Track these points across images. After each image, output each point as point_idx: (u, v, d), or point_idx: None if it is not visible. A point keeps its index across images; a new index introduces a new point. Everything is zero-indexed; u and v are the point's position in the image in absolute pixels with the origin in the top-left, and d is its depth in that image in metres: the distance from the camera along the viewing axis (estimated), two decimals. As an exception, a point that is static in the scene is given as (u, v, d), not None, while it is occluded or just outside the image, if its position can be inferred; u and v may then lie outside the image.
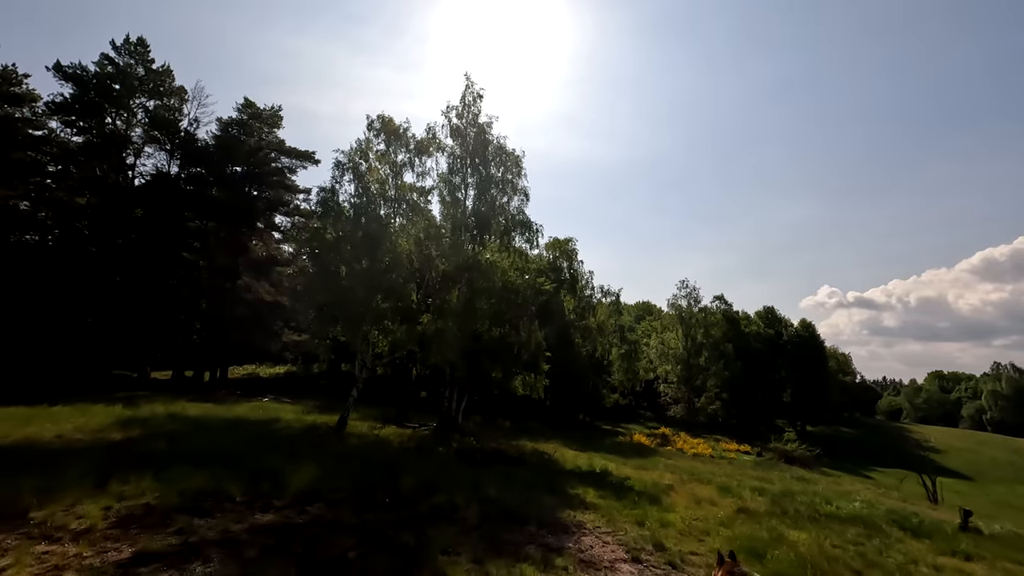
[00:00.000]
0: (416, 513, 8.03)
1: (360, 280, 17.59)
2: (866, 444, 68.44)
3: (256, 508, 7.51)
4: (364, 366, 18.15)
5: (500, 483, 11.47)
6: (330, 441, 14.74)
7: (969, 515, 12.12)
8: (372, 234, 18.41)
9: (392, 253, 18.57)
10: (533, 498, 10.55)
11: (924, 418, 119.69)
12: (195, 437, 12.79)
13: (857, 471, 45.08)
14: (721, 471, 22.75)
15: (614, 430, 44.57)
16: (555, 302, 32.66)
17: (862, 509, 14.12)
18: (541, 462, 17.65)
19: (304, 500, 8.06)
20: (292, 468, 9.45)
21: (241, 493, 8.08)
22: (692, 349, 63.29)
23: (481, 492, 10.06)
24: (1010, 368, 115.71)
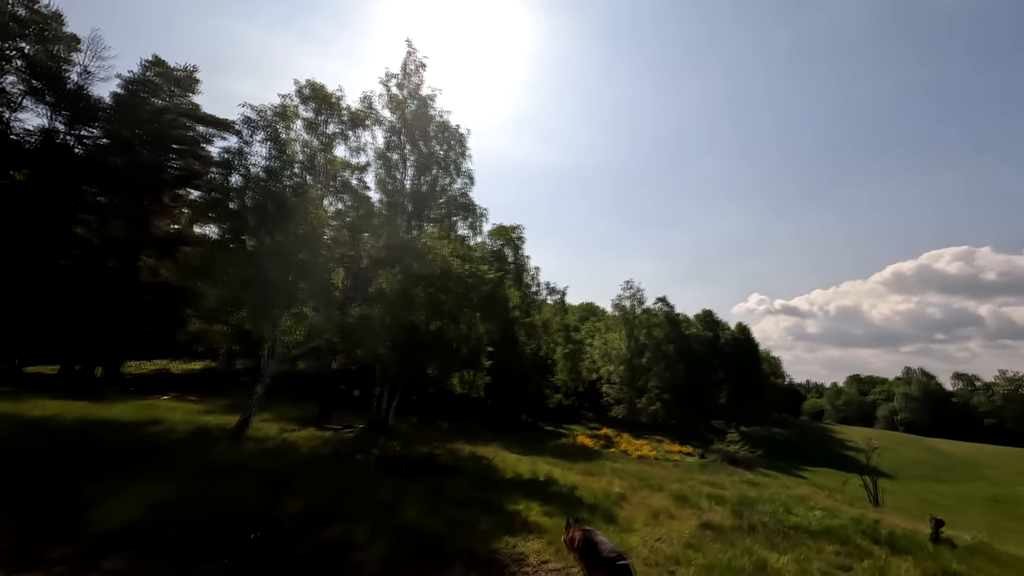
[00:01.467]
0: (288, 557, 5.64)
1: (270, 257, 14.81)
2: (797, 444, 70.63)
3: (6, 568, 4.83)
4: (272, 358, 15.34)
5: (425, 501, 9.22)
6: (217, 449, 11.94)
7: (941, 525, 11.11)
8: (287, 204, 15.62)
9: (311, 228, 15.86)
10: (464, 521, 8.36)
11: (844, 419, 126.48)
12: (6, 446, 9.70)
13: (791, 471, 45.73)
14: (670, 476, 21.39)
15: (557, 431, 43.04)
16: (499, 294, 30.57)
17: (826, 519, 12.85)
18: (479, 469, 15.49)
19: (110, 545, 5.45)
20: (122, 491, 6.79)
21: (4, 536, 5.39)
22: (635, 350, 63.02)
23: (396, 517, 7.77)
24: (919, 373, 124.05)
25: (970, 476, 59.41)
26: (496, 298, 29.47)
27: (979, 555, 10.04)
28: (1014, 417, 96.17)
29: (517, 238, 36.59)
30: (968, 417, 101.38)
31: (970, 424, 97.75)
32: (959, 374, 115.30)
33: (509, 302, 34.19)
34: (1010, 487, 52.95)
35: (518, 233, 36.70)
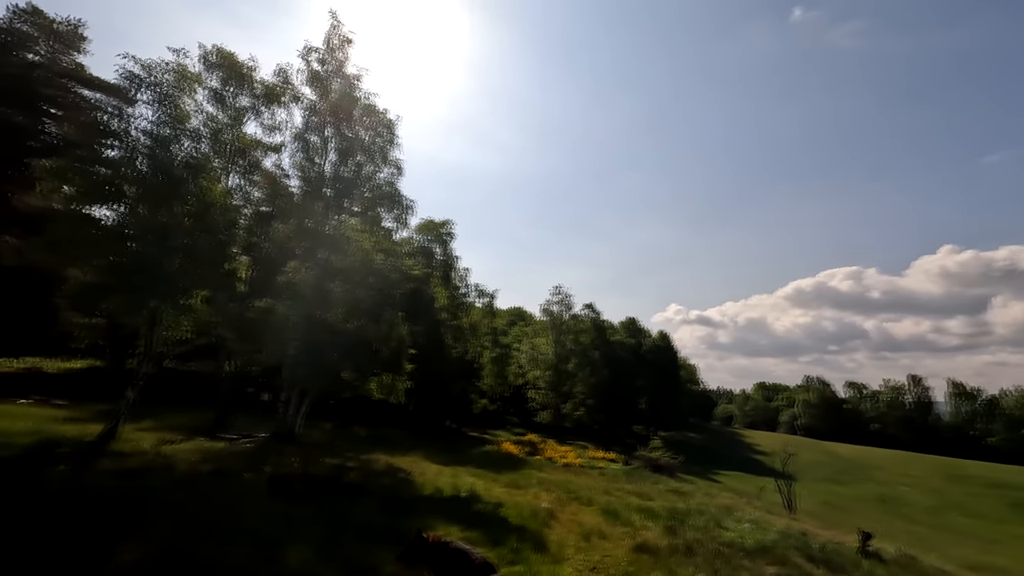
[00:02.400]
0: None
1: (148, 237, 12.45)
2: (711, 449, 73.55)
3: None
4: (148, 356, 12.92)
5: (320, 533, 7.59)
6: (58, 469, 9.57)
7: (869, 538, 10.95)
8: (175, 177, 13.29)
9: (206, 207, 13.61)
10: (366, 563, 6.84)
11: (751, 423, 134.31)
12: None
13: (707, 475, 47.07)
14: (597, 486, 20.68)
15: (482, 437, 41.70)
16: (425, 293, 28.73)
17: (757, 533, 12.42)
18: (395, 485, 13.87)
19: None
20: None
21: None
22: (562, 355, 63.04)
23: (276, 562, 6.13)
24: (817, 381, 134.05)
25: (861, 477, 64.15)
26: (422, 297, 27.69)
27: (909, 570, 9.88)
28: (895, 422, 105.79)
29: (446, 234, 34.56)
30: (857, 422, 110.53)
31: (859, 429, 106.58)
32: (851, 383, 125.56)
33: (436, 302, 32.38)
34: (894, 487, 57.53)
35: (447, 229, 34.67)
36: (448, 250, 35.08)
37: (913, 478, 60.82)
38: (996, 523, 44.29)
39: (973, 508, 49.13)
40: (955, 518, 45.36)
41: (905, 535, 29.33)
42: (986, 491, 54.46)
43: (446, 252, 34.96)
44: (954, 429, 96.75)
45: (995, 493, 53.68)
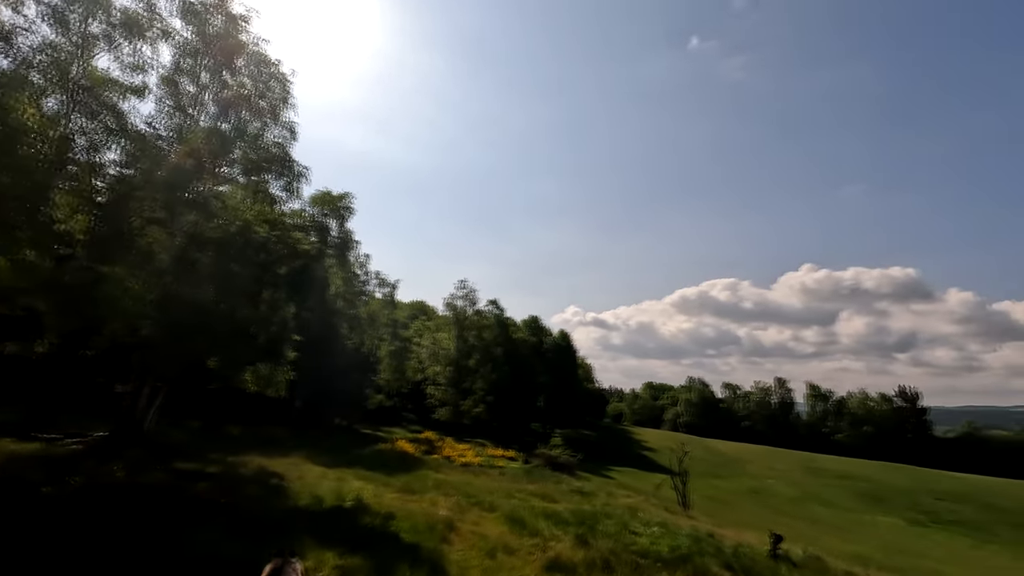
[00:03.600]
0: None
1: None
2: (603, 445, 75.80)
3: None
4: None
5: None
6: None
7: (779, 540, 10.64)
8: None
9: (13, 132, 10.36)
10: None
11: (640, 421, 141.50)
12: None
13: (601, 472, 47.93)
14: (499, 487, 19.39)
15: (375, 435, 38.99)
16: (317, 274, 25.50)
17: (666, 538, 11.75)
18: (262, 495, 11.53)
19: None
20: None
21: None
22: (464, 351, 61.55)
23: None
24: (698, 382, 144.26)
25: (736, 472, 69.20)
26: (313, 278, 24.60)
27: (824, 574, 9.61)
28: (762, 420, 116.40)
29: (344, 208, 30.69)
30: (732, 420, 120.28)
31: (733, 426, 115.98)
32: (727, 384, 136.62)
33: (330, 286, 29.17)
34: (763, 480, 62.59)
35: (346, 203, 30.75)
36: (346, 227, 31.31)
37: (778, 471, 66.42)
38: (847, 511, 49.42)
39: (828, 498, 54.55)
40: (814, 508, 49.95)
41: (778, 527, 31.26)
42: (837, 482, 60.80)
43: (343, 229, 31.20)
44: (810, 426, 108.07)
45: (844, 484, 60.09)
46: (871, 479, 62.53)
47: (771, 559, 9.94)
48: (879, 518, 48.30)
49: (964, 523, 48.84)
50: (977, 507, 53.34)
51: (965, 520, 49.68)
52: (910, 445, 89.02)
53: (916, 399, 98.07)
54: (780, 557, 10.19)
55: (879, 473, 66.00)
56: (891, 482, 61.76)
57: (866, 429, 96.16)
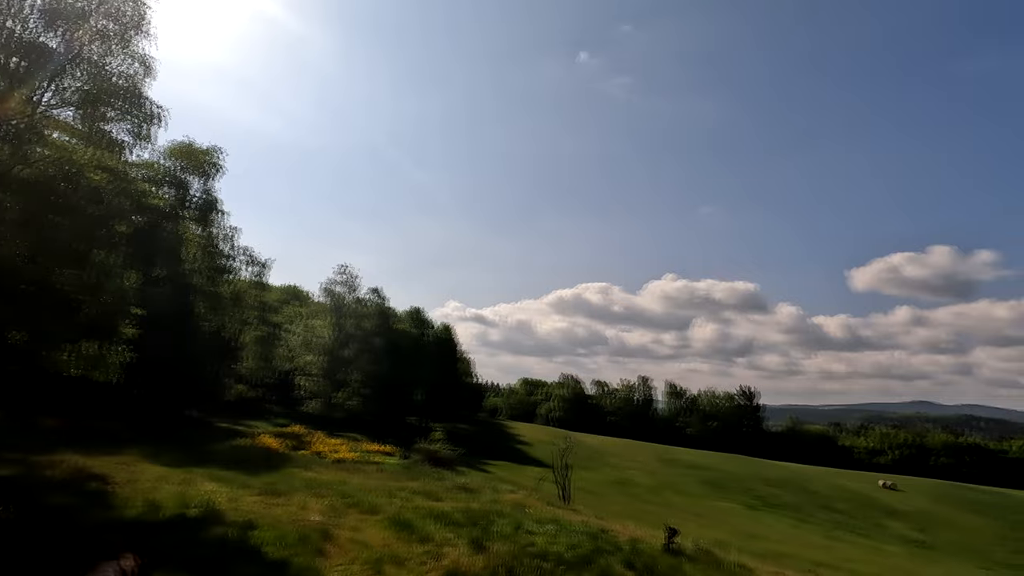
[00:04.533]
0: None
1: None
2: (480, 439, 75.93)
3: None
4: None
5: None
6: None
7: (675, 534, 10.64)
8: None
9: None
10: None
11: (515, 416, 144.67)
12: None
13: (478, 466, 47.65)
14: (379, 486, 17.81)
15: (235, 429, 34.74)
16: (170, 236, 21.36)
17: (563, 537, 11.30)
18: (74, 504, 9.06)
19: None
20: None
21: None
22: (341, 340, 57.84)
23: None
24: (571, 379, 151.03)
25: (601, 464, 73.03)
26: (164, 243, 20.59)
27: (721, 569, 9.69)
28: (626, 415, 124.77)
29: (210, 165, 25.78)
30: (599, 415, 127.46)
31: (600, 420, 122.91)
32: (598, 381, 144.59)
33: (186, 255, 24.86)
34: (625, 471, 66.68)
35: (213, 159, 25.98)
36: (211, 188, 26.60)
37: (638, 463, 71.18)
38: (698, 498, 54.24)
39: (681, 487, 59.51)
40: (670, 496, 54.12)
41: (642, 515, 33.10)
42: (689, 472, 66.61)
43: (207, 190, 26.38)
44: (666, 421, 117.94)
45: (694, 473, 65.99)
46: (715, 468, 69.32)
47: (668, 554, 9.89)
48: (721, 503, 53.59)
49: (786, 506, 55.93)
50: (796, 491, 61.50)
51: (787, 503, 56.93)
52: (746, 438, 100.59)
53: (753, 398, 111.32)
54: (674, 551, 10.19)
55: (721, 463, 73.42)
56: (730, 471, 69.02)
57: (712, 424, 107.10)
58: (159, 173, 20.27)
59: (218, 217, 29.48)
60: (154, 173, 18.36)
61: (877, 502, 59.31)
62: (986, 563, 43.28)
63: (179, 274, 24.55)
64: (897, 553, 40.33)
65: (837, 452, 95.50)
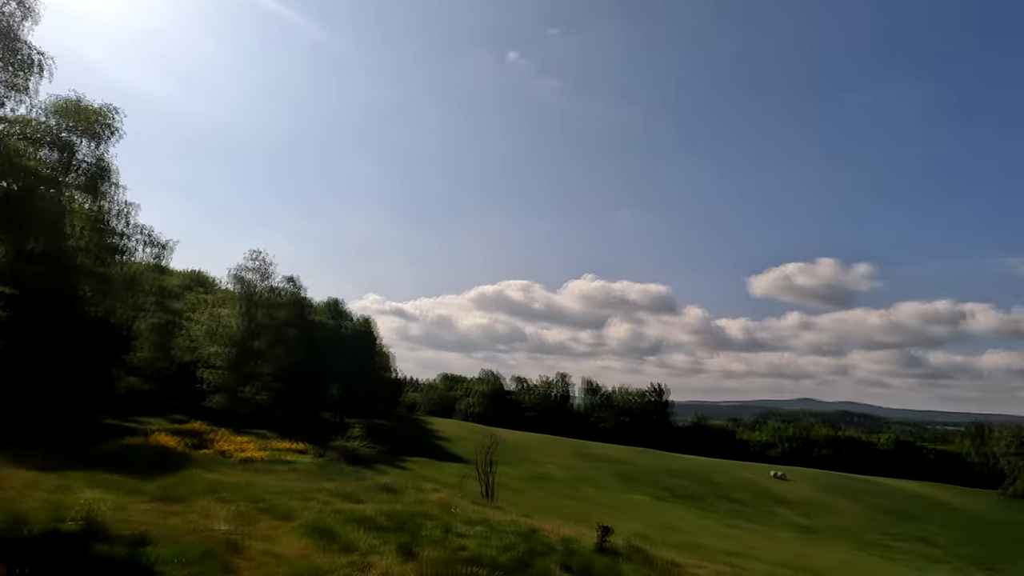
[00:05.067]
0: None
1: None
2: (398, 435, 74.21)
3: None
4: None
5: None
6: None
7: (608, 532, 10.62)
8: None
9: None
10: None
11: (433, 411, 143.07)
12: None
13: (397, 463, 46.54)
14: (293, 488, 16.59)
15: (124, 426, 31.37)
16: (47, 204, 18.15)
17: (495, 539, 10.98)
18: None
19: None
20: None
21: None
22: (251, 330, 54.02)
23: None
24: (491, 374, 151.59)
25: (520, 459, 73.80)
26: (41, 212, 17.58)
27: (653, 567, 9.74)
28: (544, 411, 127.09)
29: (102, 126, 22.08)
30: (518, 410, 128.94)
31: (519, 416, 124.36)
32: (518, 377, 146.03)
33: (71, 230, 21.59)
34: (542, 466, 67.87)
35: (108, 120, 22.51)
36: (103, 154, 22.82)
37: (555, 457, 72.62)
38: (612, 491, 56.19)
39: (596, 480, 61.40)
40: (586, 489, 55.66)
41: (562, 509, 33.69)
42: (604, 466, 68.87)
43: (99, 156, 22.64)
44: (582, 416, 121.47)
45: (609, 467, 68.32)
46: (627, 462, 72.15)
47: (601, 553, 9.85)
48: (633, 496, 55.90)
49: (692, 497, 59.35)
50: (699, 483, 65.41)
51: (692, 494, 60.42)
52: (656, 432, 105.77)
53: (663, 394, 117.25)
54: (607, 550, 10.18)
55: (633, 457, 76.52)
56: (641, 464, 72.12)
57: (625, 419, 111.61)
58: (39, 131, 17.40)
59: (112, 189, 26.20)
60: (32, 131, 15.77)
61: (770, 491, 64.40)
62: (860, 543, 48.32)
63: (61, 251, 21.44)
64: (788, 539, 44.01)
65: (736, 445, 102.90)
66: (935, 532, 54.84)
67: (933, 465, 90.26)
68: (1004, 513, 68.19)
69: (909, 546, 49.99)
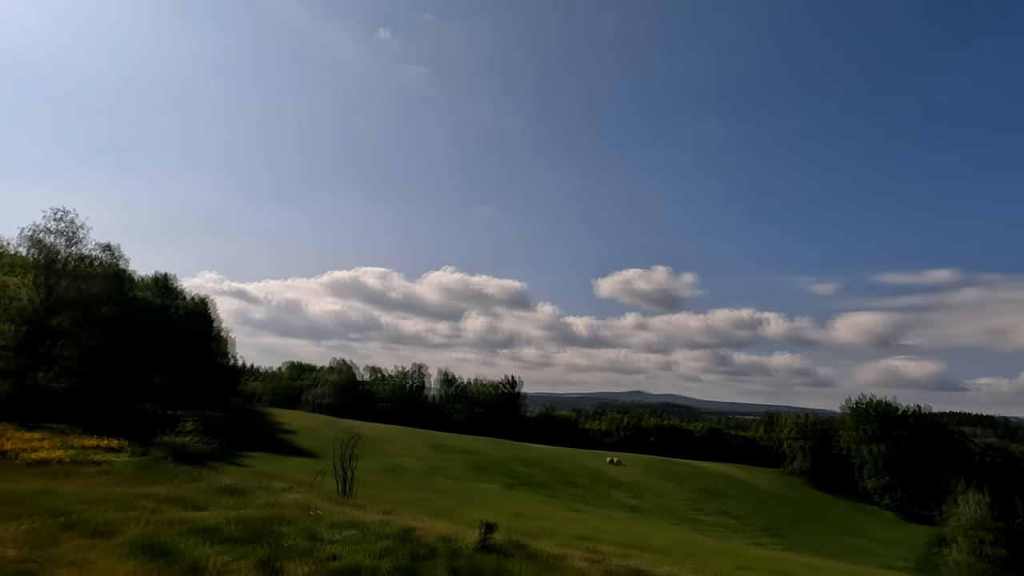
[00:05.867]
0: None
1: None
2: (235, 428, 67.39)
3: None
4: None
5: None
6: None
7: (491, 530, 10.43)
8: None
9: None
10: None
11: (277, 402, 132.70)
12: None
13: (235, 460, 42.37)
14: (109, 495, 13.92)
15: None
16: None
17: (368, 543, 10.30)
18: None
19: None
20: None
21: None
22: (50, 305, 44.98)
23: None
24: (343, 363, 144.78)
25: (373, 451, 71.47)
26: None
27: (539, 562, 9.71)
28: (398, 402, 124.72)
29: None
30: (371, 401, 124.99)
31: (372, 407, 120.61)
32: (372, 367, 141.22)
33: None
34: (396, 458, 66.55)
35: None
36: None
37: (409, 449, 71.71)
38: (465, 481, 56.94)
39: (449, 471, 61.77)
40: (440, 480, 55.74)
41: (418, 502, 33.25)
42: (457, 457, 69.51)
43: None
44: (437, 408, 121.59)
45: (462, 458, 69.12)
46: (480, 452, 73.69)
47: (484, 551, 9.62)
48: (485, 485, 57.29)
49: (539, 484, 62.53)
50: (546, 470, 69.16)
51: (540, 481, 63.67)
52: (508, 423, 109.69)
53: (516, 386, 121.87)
54: (490, 548, 10.00)
55: (485, 447, 78.39)
56: (493, 454, 74.15)
57: (479, 410, 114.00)
58: None
59: None
60: None
61: (606, 476, 70.34)
62: (677, 519, 55.01)
63: None
64: (621, 518, 48.45)
65: (579, 434, 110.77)
66: (735, 506, 64.52)
67: (736, 449, 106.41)
68: (785, 488, 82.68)
69: (714, 519, 58.16)
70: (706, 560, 17.74)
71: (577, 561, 9.68)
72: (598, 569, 9.32)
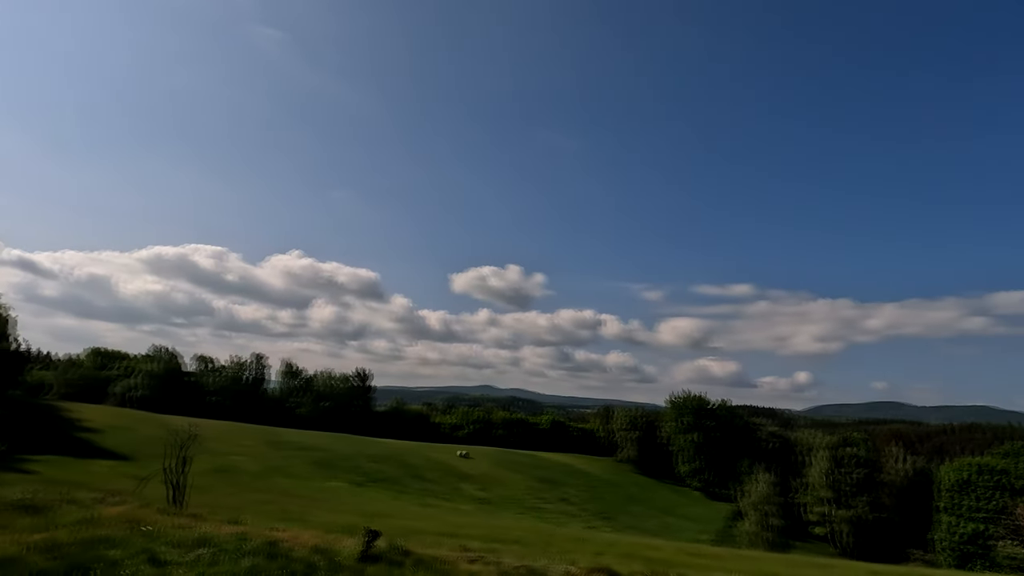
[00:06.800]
0: None
1: None
2: (18, 427, 55.49)
3: None
4: None
5: None
6: None
7: (375, 537, 9.78)
8: None
9: None
10: None
11: (76, 395, 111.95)
12: None
13: (17, 466, 34.90)
14: None
15: None
16: None
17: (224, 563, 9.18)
18: None
19: None
20: None
21: None
22: None
23: None
24: (165, 351, 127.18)
25: (200, 450, 63.57)
26: None
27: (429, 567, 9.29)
28: (232, 396, 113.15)
29: None
30: (199, 394, 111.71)
31: (200, 401, 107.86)
32: (201, 356, 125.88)
33: None
34: (227, 457, 60.28)
35: None
36: None
37: (244, 447, 65.65)
38: (307, 480, 53.58)
39: (290, 470, 57.67)
40: (279, 480, 51.82)
41: (258, 505, 30.52)
42: (298, 454, 65.20)
43: None
44: (277, 402, 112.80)
45: (303, 455, 64.99)
46: (324, 448, 70.04)
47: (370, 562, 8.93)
48: (330, 483, 54.55)
49: (388, 479, 61.25)
50: (395, 465, 68.01)
51: (388, 477, 62.39)
52: (357, 417, 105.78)
53: (367, 379, 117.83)
54: (374, 557, 9.30)
55: (330, 443, 74.69)
56: (338, 450, 70.94)
57: (325, 404, 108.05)
58: None
59: None
60: None
61: (455, 469, 71.30)
62: (521, 508, 57.77)
63: None
64: (470, 511, 49.49)
65: (430, 428, 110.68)
66: (572, 493, 69.65)
67: (575, 440, 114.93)
68: (617, 475, 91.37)
69: (554, 507, 62.20)
70: (565, 548, 18.90)
71: (467, 564, 9.65)
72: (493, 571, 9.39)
